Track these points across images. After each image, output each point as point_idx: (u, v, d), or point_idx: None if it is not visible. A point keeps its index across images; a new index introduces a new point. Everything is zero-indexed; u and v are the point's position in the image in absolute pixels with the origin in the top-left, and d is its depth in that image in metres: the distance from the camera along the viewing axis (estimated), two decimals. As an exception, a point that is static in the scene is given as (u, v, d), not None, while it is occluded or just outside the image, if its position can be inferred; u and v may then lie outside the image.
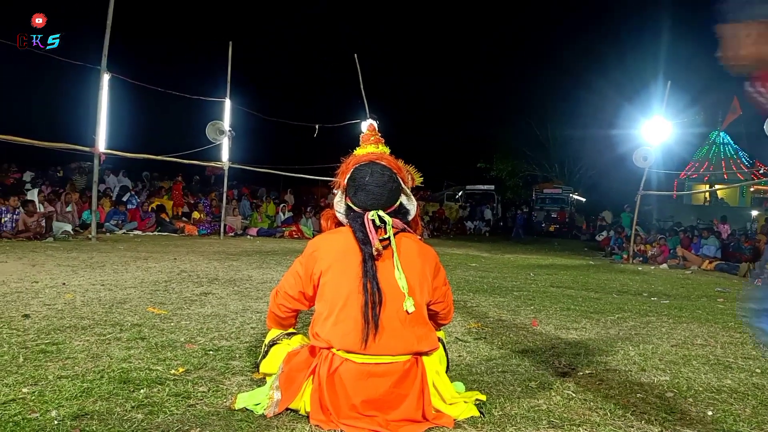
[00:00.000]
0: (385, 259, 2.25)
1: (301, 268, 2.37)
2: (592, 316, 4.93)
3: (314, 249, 2.35)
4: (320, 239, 2.41)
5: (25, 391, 2.27)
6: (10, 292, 4.43)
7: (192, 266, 6.97)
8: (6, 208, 9.91)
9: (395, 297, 2.21)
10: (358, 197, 2.35)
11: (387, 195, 2.35)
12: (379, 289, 2.19)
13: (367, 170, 2.36)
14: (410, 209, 2.47)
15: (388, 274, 2.23)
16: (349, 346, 2.15)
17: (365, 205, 2.34)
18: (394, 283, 2.23)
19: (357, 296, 2.18)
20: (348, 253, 2.26)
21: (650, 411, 2.47)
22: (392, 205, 2.39)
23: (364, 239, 2.25)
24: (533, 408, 2.42)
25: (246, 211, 16.96)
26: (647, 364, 3.28)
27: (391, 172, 2.39)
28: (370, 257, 2.23)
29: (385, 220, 2.31)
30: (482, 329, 4.09)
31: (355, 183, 2.36)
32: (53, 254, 7.45)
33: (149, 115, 18.81)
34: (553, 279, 8.21)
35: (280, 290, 2.46)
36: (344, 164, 2.48)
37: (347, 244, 2.29)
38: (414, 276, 2.28)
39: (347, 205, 2.42)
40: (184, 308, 4.22)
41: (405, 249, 2.31)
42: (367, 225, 2.28)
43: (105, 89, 10.12)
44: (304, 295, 2.39)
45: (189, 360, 2.84)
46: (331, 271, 2.27)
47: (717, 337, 4.25)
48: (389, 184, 2.36)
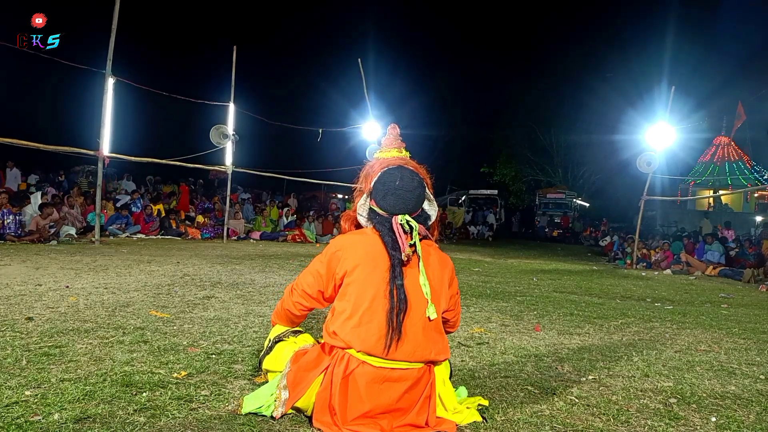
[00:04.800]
0: (411, 266, 2.24)
1: (323, 267, 2.33)
2: (596, 322, 4.91)
3: (337, 248, 2.32)
4: (344, 239, 2.37)
5: (28, 393, 2.27)
6: (13, 295, 4.43)
7: (195, 270, 6.97)
8: (8, 210, 9.94)
9: (419, 303, 2.20)
10: (386, 201, 2.32)
11: (415, 200, 2.34)
12: (405, 295, 2.17)
13: (397, 174, 2.33)
14: (431, 214, 2.45)
15: (413, 279, 2.22)
16: (371, 349, 2.13)
17: (393, 210, 2.31)
18: (418, 289, 2.21)
19: (382, 300, 2.16)
20: (375, 256, 2.24)
21: (654, 417, 2.46)
22: (417, 210, 2.37)
23: (394, 244, 2.23)
24: (536, 413, 2.41)
25: (249, 214, 16.99)
26: (651, 370, 3.26)
27: (419, 177, 2.38)
28: (399, 263, 2.20)
29: (413, 225, 2.28)
30: (485, 334, 4.08)
31: (385, 187, 2.33)
32: (57, 257, 7.46)
33: (153, 119, 18.90)
34: (557, 284, 8.19)
35: (296, 288, 2.43)
36: (368, 167, 2.46)
37: (374, 246, 2.26)
38: (435, 283, 2.28)
39: (371, 209, 2.38)
40: (186, 312, 4.23)
41: (428, 255, 2.30)
42: (397, 230, 2.25)
43: (110, 93, 10.16)
44: (322, 294, 2.36)
45: (191, 363, 2.84)
46: (356, 272, 2.24)
47: (721, 343, 4.23)
48: (418, 189, 2.34)
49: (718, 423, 2.44)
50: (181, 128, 18.18)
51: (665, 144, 14.35)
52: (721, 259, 13.14)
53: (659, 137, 14.02)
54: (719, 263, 12.86)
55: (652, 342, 4.15)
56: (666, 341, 4.22)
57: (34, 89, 18.39)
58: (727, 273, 11.90)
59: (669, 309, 6.15)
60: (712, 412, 2.57)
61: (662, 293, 7.88)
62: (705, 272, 12.26)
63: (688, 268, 12.58)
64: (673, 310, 6.09)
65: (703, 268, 12.48)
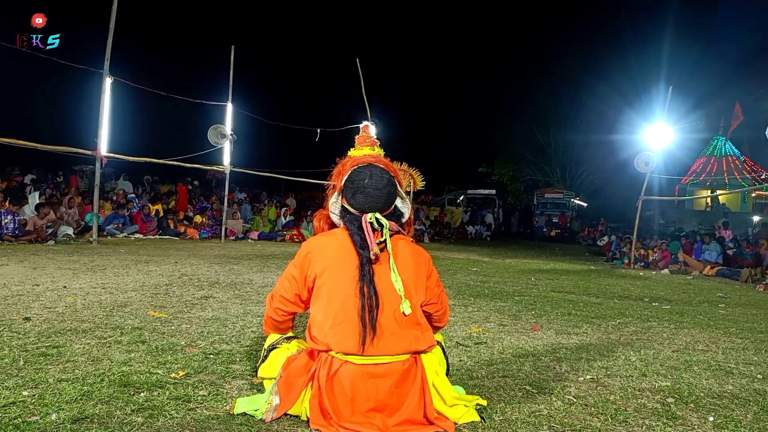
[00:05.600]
0: (382, 263, 2.26)
1: (296, 270, 2.36)
2: (594, 321, 4.92)
3: (308, 251, 2.34)
4: (314, 241, 2.39)
5: (26, 394, 2.27)
6: (11, 295, 4.43)
7: (193, 270, 6.97)
8: (6, 210, 9.93)
9: (392, 300, 2.21)
10: (356, 199, 2.35)
11: (385, 198, 2.36)
12: (376, 292, 2.19)
13: (366, 172, 2.36)
14: (404, 212, 2.48)
15: (384, 277, 2.24)
16: (348, 349, 2.15)
17: (363, 208, 2.34)
18: (390, 285, 2.23)
19: (353, 299, 2.18)
20: (344, 256, 2.26)
21: (651, 417, 2.46)
22: (389, 207, 2.39)
23: (362, 243, 2.25)
24: (534, 413, 2.41)
25: (247, 214, 16.98)
26: (648, 370, 3.27)
27: (389, 175, 2.40)
28: (368, 261, 2.22)
29: (383, 223, 2.31)
30: (483, 334, 4.08)
31: (354, 185, 2.36)
32: (54, 257, 7.45)
33: (151, 119, 18.88)
34: (554, 284, 8.20)
35: (275, 294, 2.45)
36: (340, 165, 2.48)
37: (343, 246, 2.28)
38: (409, 278, 2.29)
39: (343, 207, 2.41)
40: (184, 312, 4.22)
41: (400, 251, 2.32)
42: (366, 228, 2.27)
43: (107, 93, 10.16)
44: (299, 297, 2.38)
45: (189, 363, 2.84)
46: (326, 274, 2.26)
47: (718, 343, 4.24)
48: (388, 188, 2.36)
49: (715, 422, 2.44)
50: (179, 128, 18.16)
51: (663, 144, 14.38)
52: (718, 259, 13.15)
53: (657, 137, 14.06)
54: (717, 263, 12.86)
55: (650, 342, 4.15)
56: (664, 341, 4.22)
57: (33, 89, 18.35)
58: (724, 273, 11.91)
59: (667, 309, 6.16)
60: (710, 412, 2.58)
61: (660, 293, 7.89)
62: (702, 272, 12.27)
63: (685, 268, 12.60)
64: (670, 309, 6.09)
65: (700, 268, 12.49)
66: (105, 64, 10.07)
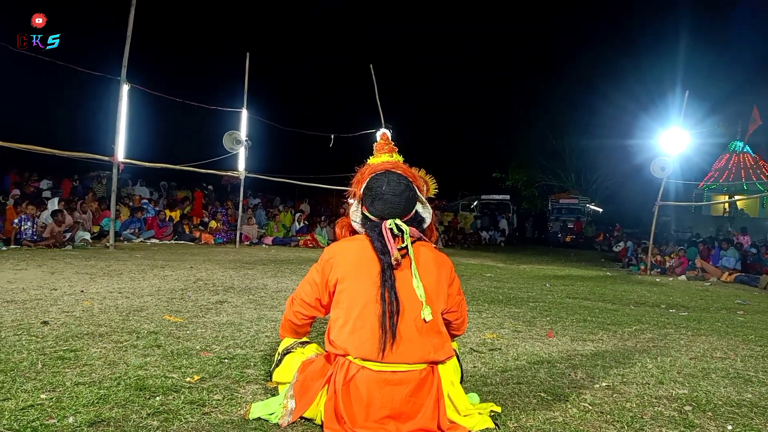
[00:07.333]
0: (403, 268, 2.26)
1: (317, 275, 2.37)
2: (609, 328, 4.87)
3: (330, 256, 2.36)
4: (336, 246, 2.41)
5: (43, 397, 2.29)
6: (29, 299, 4.49)
7: (208, 275, 7.01)
8: (26, 216, 10.07)
9: (413, 306, 2.21)
10: (375, 206, 2.36)
11: (404, 204, 2.36)
12: (397, 298, 2.19)
13: (383, 179, 2.37)
14: (426, 217, 2.48)
15: (406, 283, 2.24)
16: (366, 355, 2.15)
17: (382, 214, 2.35)
18: (412, 292, 2.23)
19: (374, 305, 2.18)
20: (366, 262, 2.27)
21: (668, 425, 2.43)
22: (409, 213, 2.40)
23: (383, 249, 2.25)
24: (549, 420, 2.39)
25: (262, 220, 17.06)
26: (665, 377, 3.23)
27: (407, 180, 2.40)
28: (389, 267, 2.23)
29: (403, 228, 2.31)
30: (497, 340, 4.06)
31: (372, 192, 2.37)
32: (72, 262, 7.54)
33: (167, 125, 19.04)
34: (570, 290, 8.14)
35: (296, 298, 2.47)
36: (359, 173, 2.49)
37: (364, 252, 2.29)
38: (431, 284, 2.28)
39: (363, 215, 2.43)
40: (199, 316, 4.25)
41: (422, 257, 2.32)
42: (386, 234, 2.28)
43: (124, 99, 10.29)
44: (320, 302, 2.39)
45: (204, 368, 2.86)
46: (347, 279, 2.27)
47: (737, 350, 4.18)
48: (406, 193, 2.37)
49: (734, 431, 2.41)
50: (195, 134, 18.31)
51: (679, 149, 14.23)
52: (736, 265, 12.97)
53: (673, 142, 13.91)
54: (735, 269, 12.69)
55: (667, 349, 4.11)
56: (681, 348, 4.17)
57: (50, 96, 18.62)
58: (743, 279, 11.74)
59: (684, 315, 6.08)
60: (728, 420, 2.54)
61: (677, 299, 7.80)
62: (720, 278, 12.10)
63: (703, 274, 12.44)
64: (688, 316, 6.02)
65: (718, 274, 12.32)
66: (122, 72, 10.20)
